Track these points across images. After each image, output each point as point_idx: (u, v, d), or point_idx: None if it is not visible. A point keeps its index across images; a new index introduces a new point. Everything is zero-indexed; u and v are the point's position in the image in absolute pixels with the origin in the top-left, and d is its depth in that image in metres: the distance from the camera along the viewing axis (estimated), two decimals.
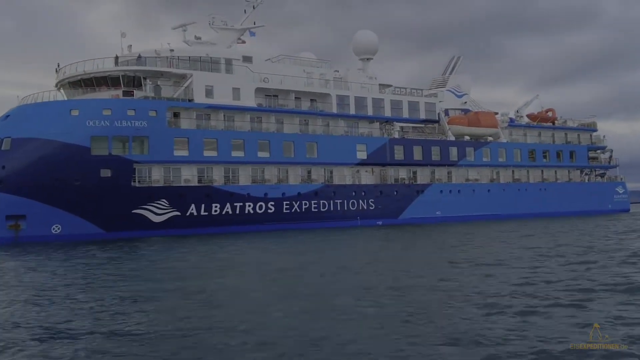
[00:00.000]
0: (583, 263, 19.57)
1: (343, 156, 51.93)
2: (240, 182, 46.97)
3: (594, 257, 21.41)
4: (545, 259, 21.41)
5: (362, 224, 51.63)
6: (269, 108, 49.44)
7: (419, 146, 57.20)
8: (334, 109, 52.67)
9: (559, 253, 23.61)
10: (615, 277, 15.84)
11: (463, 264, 20.81)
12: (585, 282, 14.84)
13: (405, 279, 17.48)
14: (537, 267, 18.83)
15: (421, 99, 58.46)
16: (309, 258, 25.35)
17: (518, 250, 25.79)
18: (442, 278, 17.18)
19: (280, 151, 48.52)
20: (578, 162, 69.93)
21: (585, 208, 67.31)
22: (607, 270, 17.67)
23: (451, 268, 19.97)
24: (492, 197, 60.71)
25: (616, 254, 22.55)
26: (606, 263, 19.49)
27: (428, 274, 18.62)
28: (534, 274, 17.15)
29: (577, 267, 18.57)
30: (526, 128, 67.70)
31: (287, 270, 20.93)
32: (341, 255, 27.14)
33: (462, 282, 16.14)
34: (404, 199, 55.05)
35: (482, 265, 20.18)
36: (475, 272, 18.48)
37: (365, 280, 17.39)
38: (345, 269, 20.57)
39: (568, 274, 16.68)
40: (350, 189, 51.90)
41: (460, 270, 18.99)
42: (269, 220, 46.98)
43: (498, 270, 18.66)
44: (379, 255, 26.08)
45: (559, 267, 18.77)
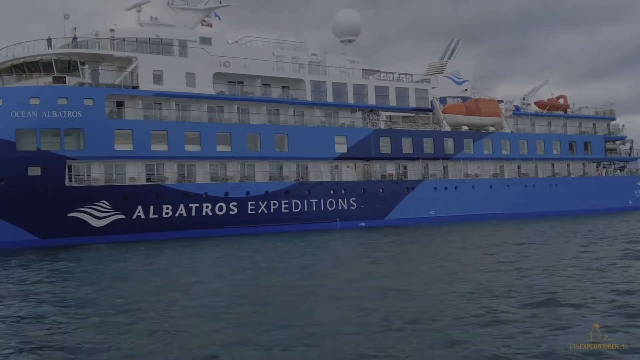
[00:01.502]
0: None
1: (319, 150, 47.08)
2: (197, 180, 42.33)
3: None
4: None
5: (342, 226, 46.72)
6: (230, 96, 44.74)
7: (408, 138, 52.15)
8: (309, 97, 47.83)
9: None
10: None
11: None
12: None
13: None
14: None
15: (411, 85, 53.38)
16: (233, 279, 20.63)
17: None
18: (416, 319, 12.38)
19: (243, 145, 43.80)
20: (594, 154, 64.29)
21: (603, 205, 61.60)
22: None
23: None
24: (494, 194, 55.42)
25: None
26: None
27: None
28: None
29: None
30: (534, 117, 62.25)
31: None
32: (288, 272, 22.37)
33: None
34: (392, 197, 50.02)
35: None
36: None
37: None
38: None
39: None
40: (328, 187, 47.01)
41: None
42: (231, 223, 42.29)
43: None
44: (332, 281, 20.89)
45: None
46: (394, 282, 17.08)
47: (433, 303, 13.60)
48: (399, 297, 14.64)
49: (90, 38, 40.75)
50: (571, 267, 18.39)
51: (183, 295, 16.74)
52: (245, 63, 44.95)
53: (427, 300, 14.06)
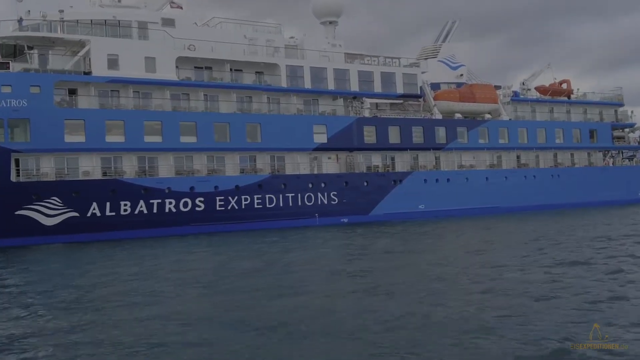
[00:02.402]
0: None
1: (296, 140, 44.32)
2: (160, 174, 39.72)
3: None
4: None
5: (322, 222, 43.98)
6: (195, 82, 42.06)
7: (395, 126, 49.28)
8: (284, 83, 45.06)
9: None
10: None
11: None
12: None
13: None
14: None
15: (398, 70, 50.46)
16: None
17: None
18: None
19: (210, 135, 41.15)
20: (600, 143, 61.10)
21: (610, 197, 58.43)
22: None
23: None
24: (490, 186, 52.45)
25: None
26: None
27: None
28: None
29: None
30: (534, 103, 59.14)
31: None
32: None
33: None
34: (377, 190, 47.19)
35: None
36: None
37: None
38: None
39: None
40: (306, 180, 44.26)
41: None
42: (197, 221, 39.67)
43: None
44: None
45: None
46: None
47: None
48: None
49: (39, 20, 38.13)
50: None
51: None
52: (213, 46, 42.23)
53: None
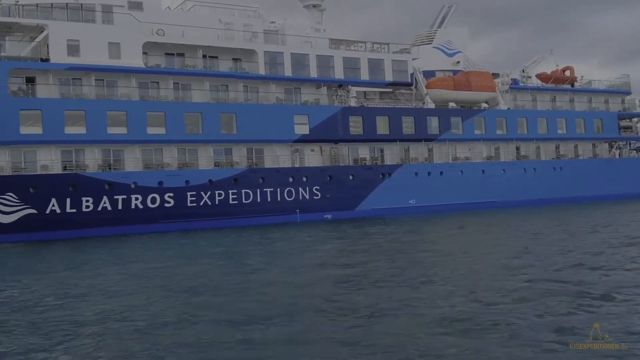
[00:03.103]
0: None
1: (275, 131, 42.25)
2: (126, 167, 37.79)
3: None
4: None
5: (304, 218, 41.93)
6: (164, 69, 40.06)
7: (384, 116, 47.11)
8: (262, 70, 42.97)
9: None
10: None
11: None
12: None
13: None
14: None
15: (387, 57, 48.23)
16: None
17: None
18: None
19: (181, 126, 39.17)
20: (606, 133, 58.61)
21: (616, 191, 55.98)
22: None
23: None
24: (487, 179, 50.17)
25: None
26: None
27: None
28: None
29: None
30: (535, 91, 56.70)
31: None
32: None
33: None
34: (364, 184, 45.06)
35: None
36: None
37: None
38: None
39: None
40: (286, 174, 42.20)
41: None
42: (167, 218, 37.71)
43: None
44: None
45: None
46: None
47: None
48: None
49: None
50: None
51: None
52: (184, 31, 40.18)
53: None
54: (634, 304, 11.85)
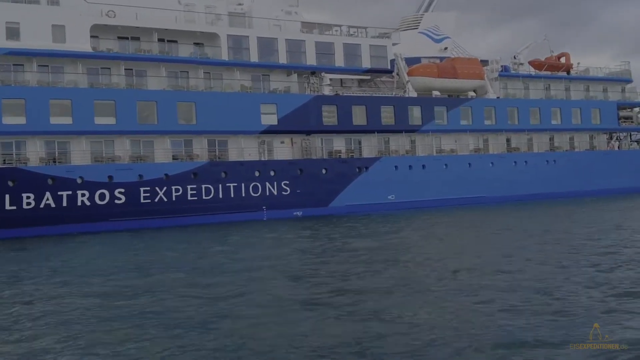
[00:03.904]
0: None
1: (239, 121, 39.87)
2: (72, 161, 35.49)
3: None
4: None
5: (271, 215, 39.59)
6: (114, 54, 37.71)
7: (361, 106, 44.68)
8: (225, 55, 40.58)
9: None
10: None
11: None
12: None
13: None
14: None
15: (364, 42, 45.77)
16: None
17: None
18: None
19: (133, 116, 36.81)
20: (604, 124, 56.01)
21: (615, 185, 53.52)
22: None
23: None
24: (474, 173, 47.70)
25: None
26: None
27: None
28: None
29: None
30: (528, 79, 54.12)
31: None
32: None
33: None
34: (338, 179, 42.66)
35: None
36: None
37: None
38: None
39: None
40: (251, 168, 39.82)
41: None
42: (117, 216, 35.38)
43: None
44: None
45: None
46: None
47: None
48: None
49: None
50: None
51: None
52: (137, 13, 37.80)
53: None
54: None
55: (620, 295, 12.30)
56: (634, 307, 11.38)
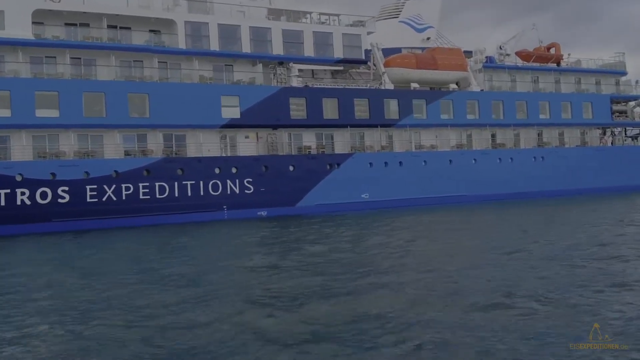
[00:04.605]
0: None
1: (198, 115, 37.83)
2: (13, 157, 33.44)
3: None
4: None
5: (233, 216, 37.57)
6: (59, 41, 35.65)
7: (332, 99, 42.62)
8: (182, 44, 38.54)
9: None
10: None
11: None
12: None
13: None
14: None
15: (336, 30, 43.75)
16: None
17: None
18: None
19: (79, 108, 34.75)
20: (597, 119, 53.96)
21: (608, 183, 51.47)
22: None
23: None
24: (456, 171, 45.65)
25: None
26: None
27: None
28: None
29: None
30: (515, 71, 52.05)
31: None
32: None
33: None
34: (307, 176, 40.61)
35: None
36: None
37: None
38: None
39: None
40: (211, 164, 37.77)
41: None
42: (61, 216, 33.32)
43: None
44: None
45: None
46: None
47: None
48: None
49: None
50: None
51: None
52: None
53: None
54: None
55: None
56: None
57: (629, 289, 13.01)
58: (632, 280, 13.94)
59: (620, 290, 12.91)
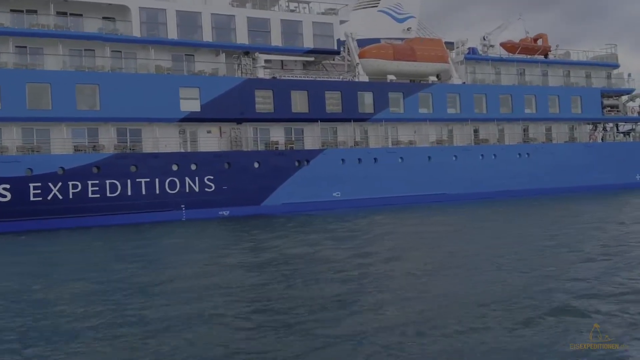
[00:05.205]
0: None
1: (155, 108, 35.97)
2: None
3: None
4: None
5: (192, 216, 35.77)
6: (2, 28, 33.80)
7: (302, 91, 40.80)
8: (137, 31, 36.69)
9: None
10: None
11: None
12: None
13: None
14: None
15: (306, 18, 41.90)
16: None
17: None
18: None
19: (22, 100, 32.90)
20: (586, 114, 52.15)
21: (598, 181, 49.83)
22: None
23: None
24: (435, 168, 43.87)
25: None
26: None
27: None
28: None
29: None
30: (499, 63, 50.23)
31: None
32: None
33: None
34: (274, 174, 38.77)
35: None
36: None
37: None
38: None
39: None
40: (168, 161, 35.91)
41: None
42: (1, 217, 31.44)
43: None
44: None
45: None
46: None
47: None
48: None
49: None
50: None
51: None
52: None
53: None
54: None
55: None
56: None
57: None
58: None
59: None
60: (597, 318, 10.49)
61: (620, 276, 13.87)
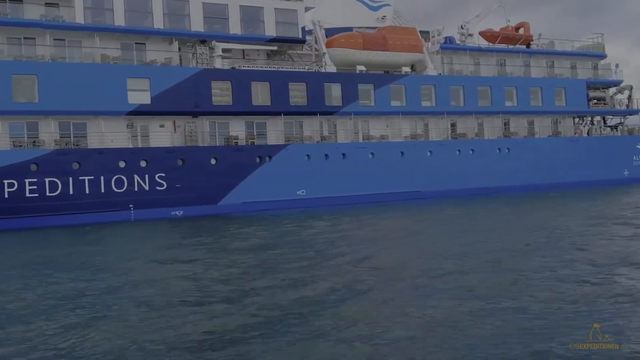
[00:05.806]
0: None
1: (100, 100, 33.98)
2: None
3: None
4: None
5: (141, 216, 33.86)
6: None
7: (263, 82, 38.89)
8: (80, 18, 34.72)
9: None
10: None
11: None
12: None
13: None
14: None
15: (268, 4, 39.93)
16: None
17: None
18: None
19: None
20: (571, 106, 50.43)
21: (583, 177, 48.24)
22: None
23: None
24: (408, 164, 42.04)
25: None
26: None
27: None
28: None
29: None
30: (478, 53, 48.39)
31: None
32: None
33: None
34: (232, 171, 36.86)
35: None
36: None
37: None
38: None
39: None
40: (115, 157, 33.92)
41: None
42: None
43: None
44: None
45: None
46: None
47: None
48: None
49: None
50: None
51: None
52: None
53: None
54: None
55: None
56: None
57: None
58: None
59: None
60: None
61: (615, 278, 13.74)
